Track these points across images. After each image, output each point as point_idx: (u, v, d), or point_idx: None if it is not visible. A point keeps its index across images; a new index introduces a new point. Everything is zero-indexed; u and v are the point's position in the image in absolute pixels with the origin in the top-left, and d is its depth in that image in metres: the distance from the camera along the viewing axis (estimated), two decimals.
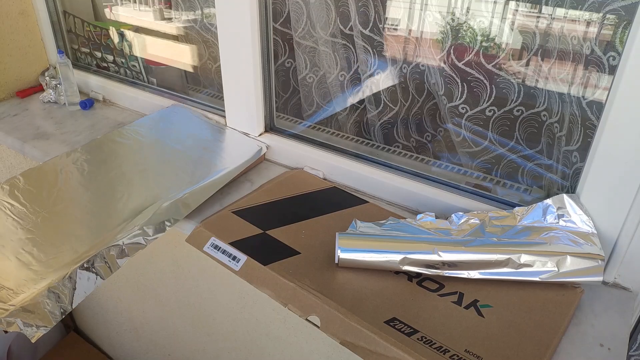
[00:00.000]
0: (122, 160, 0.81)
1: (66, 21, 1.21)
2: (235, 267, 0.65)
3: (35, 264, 0.61)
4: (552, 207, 0.65)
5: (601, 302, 0.60)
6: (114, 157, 0.82)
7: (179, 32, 1.17)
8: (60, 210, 0.71)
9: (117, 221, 0.68)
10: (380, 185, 0.79)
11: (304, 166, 0.87)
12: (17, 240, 0.65)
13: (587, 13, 0.68)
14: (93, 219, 0.69)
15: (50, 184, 0.75)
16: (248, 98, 0.88)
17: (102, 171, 0.78)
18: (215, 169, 0.78)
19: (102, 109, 1.13)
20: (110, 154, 0.82)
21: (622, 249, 0.61)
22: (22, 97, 1.19)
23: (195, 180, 0.75)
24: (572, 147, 0.71)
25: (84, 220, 0.69)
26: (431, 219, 0.69)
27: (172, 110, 0.97)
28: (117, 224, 0.67)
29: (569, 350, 0.54)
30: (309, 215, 0.73)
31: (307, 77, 1.05)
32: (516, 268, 0.59)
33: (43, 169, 0.79)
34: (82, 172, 0.79)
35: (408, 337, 0.53)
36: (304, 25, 0.98)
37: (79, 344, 1.54)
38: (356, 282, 0.61)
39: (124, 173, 0.77)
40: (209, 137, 0.88)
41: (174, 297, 1.10)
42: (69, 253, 0.63)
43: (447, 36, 0.86)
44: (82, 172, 0.79)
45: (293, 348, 0.92)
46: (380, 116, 1.01)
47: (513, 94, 0.82)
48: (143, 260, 1.11)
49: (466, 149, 0.91)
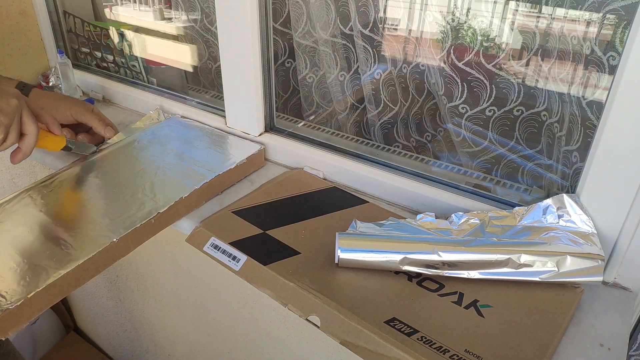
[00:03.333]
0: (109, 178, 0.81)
1: (66, 21, 1.21)
2: (235, 267, 0.65)
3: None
4: (552, 207, 0.65)
5: (601, 302, 0.60)
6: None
7: (179, 32, 1.18)
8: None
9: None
10: (380, 185, 0.79)
11: (304, 166, 0.87)
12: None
13: (587, 13, 0.68)
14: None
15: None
16: (248, 98, 0.88)
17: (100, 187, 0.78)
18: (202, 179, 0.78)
19: (102, 109, 1.13)
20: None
21: (622, 249, 0.61)
22: None
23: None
24: (572, 147, 0.71)
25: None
26: (431, 219, 0.69)
27: (166, 124, 0.97)
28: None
29: (569, 350, 0.54)
30: (309, 215, 0.73)
31: (307, 77, 1.05)
32: (516, 268, 0.59)
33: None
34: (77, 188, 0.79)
35: (408, 337, 0.53)
36: (304, 25, 0.98)
37: (79, 343, 1.54)
38: (356, 282, 0.61)
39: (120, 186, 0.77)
40: (203, 147, 0.88)
41: (174, 297, 1.10)
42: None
43: (447, 36, 0.86)
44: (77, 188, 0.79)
45: (293, 348, 0.92)
46: (380, 116, 1.02)
47: (513, 93, 0.83)
48: (143, 260, 1.11)
49: (466, 149, 0.91)
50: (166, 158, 0.83)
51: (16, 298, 0.55)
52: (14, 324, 0.55)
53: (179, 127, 0.96)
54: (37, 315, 0.58)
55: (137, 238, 0.68)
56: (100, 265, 0.64)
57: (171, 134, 0.92)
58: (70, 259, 0.61)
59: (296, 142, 0.88)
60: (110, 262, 0.65)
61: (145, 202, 0.72)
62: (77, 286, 0.61)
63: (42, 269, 0.59)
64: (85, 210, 0.72)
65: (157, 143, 0.89)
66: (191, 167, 0.80)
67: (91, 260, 0.62)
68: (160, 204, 0.71)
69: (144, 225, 0.68)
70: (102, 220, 0.69)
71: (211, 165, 0.81)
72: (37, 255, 0.62)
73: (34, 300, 0.56)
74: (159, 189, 0.75)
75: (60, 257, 0.61)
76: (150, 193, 0.74)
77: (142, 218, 0.68)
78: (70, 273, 0.59)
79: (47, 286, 0.57)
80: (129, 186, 0.76)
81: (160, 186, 0.75)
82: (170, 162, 0.82)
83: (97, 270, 0.63)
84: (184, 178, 0.77)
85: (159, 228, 0.71)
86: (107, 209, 0.71)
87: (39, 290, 0.57)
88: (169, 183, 0.76)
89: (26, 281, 0.58)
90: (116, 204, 0.72)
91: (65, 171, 0.81)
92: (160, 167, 0.81)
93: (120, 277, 1.22)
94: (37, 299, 0.57)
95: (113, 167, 0.83)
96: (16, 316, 0.55)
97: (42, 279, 0.58)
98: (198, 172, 0.79)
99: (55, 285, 0.58)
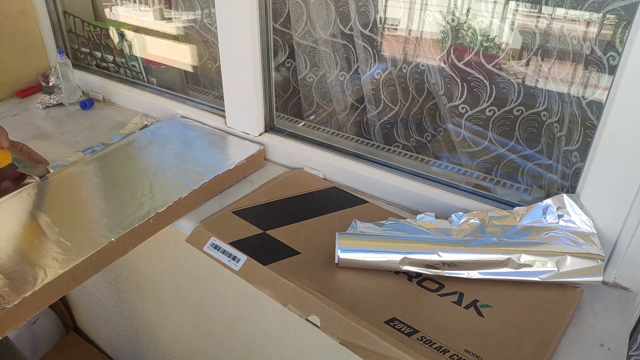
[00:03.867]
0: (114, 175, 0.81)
1: (66, 21, 1.21)
2: (235, 267, 0.65)
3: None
4: (552, 207, 0.65)
5: (601, 302, 0.60)
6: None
7: (179, 32, 1.18)
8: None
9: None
10: (380, 185, 0.79)
11: (304, 166, 0.87)
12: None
13: (587, 13, 0.68)
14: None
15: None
16: (248, 98, 0.88)
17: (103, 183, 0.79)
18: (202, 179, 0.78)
19: (102, 109, 1.13)
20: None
21: (622, 249, 0.61)
22: (22, 97, 1.19)
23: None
24: (572, 147, 0.71)
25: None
26: (431, 219, 0.69)
27: (165, 124, 0.98)
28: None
29: (569, 350, 0.54)
30: (309, 215, 0.73)
31: (307, 77, 1.05)
32: (516, 268, 0.59)
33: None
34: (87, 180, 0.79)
35: (408, 337, 0.53)
36: (304, 25, 0.98)
37: (79, 343, 1.54)
38: (356, 282, 0.61)
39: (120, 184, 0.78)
40: (203, 147, 0.88)
41: (174, 297, 1.10)
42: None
43: (447, 36, 0.86)
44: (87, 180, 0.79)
45: (293, 348, 0.92)
46: (380, 116, 1.02)
47: (513, 94, 0.82)
48: (143, 260, 1.11)
49: (466, 148, 0.91)
50: (165, 158, 0.83)
51: (14, 297, 0.55)
52: (11, 322, 0.55)
53: (179, 127, 0.96)
54: (35, 313, 0.58)
55: (136, 238, 0.68)
56: (99, 265, 0.64)
57: (171, 134, 0.92)
58: (69, 259, 0.61)
59: (296, 142, 0.88)
60: (108, 261, 0.65)
61: (144, 202, 0.72)
62: (75, 285, 0.61)
63: (40, 268, 0.59)
64: (84, 209, 0.72)
65: (156, 143, 0.89)
66: (190, 167, 0.80)
67: (89, 260, 0.62)
68: (159, 204, 0.71)
69: (143, 225, 0.68)
70: (101, 219, 0.69)
71: (210, 165, 0.81)
72: (35, 254, 0.62)
73: (32, 299, 0.56)
74: (158, 189, 0.75)
75: (58, 256, 0.61)
76: (149, 193, 0.74)
77: (140, 218, 0.68)
78: (68, 272, 0.59)
79: (44, 285, 0.57)
80: (128, 186, 0.76)
81: (159, 186, 0.75)
82: (170, 162, 0.82)
83: (96, 270, 0.63)
84: (183, 178, 0.77)
85: (158, 228, 0.71)
86: (106, 208, 0.71)
87: (37, 289, 0.57)
88: (168, 183, 0.76)
89: (24, 280, 0.58)
90: (115, 203, 0.72)
91: (63, 171, 0.82)
92: (159, 167, 0.81)
93: (120, 277, 1.21)
94: (35, 298, 0.57)
95: (112, 166, 0.83)
96: (14, 315, 0.55)
97: (40, 278, 0.58)
98: (197, 172, 0.79)
99: (53, 284, 0.58)
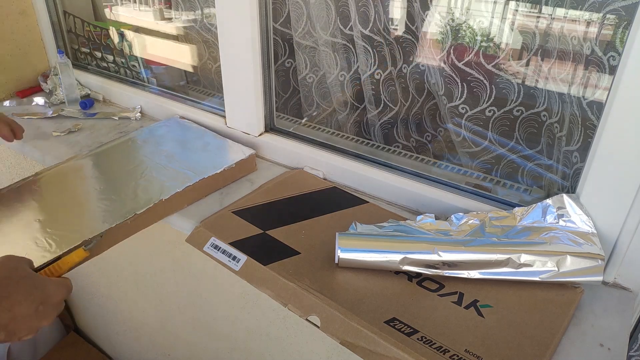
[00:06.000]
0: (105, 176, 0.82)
1: (66, 21, 1.21)
2: (235, 267, 0.65)
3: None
4: (552, 207, 0.65)
5: (601, 302, 0.60)
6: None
7: (179, 32, 1.18)
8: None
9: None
10: (380, 185, 0.79)
11: (304, 166, 0.87)
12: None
13: (587, 13, 0.68)
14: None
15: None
16: (248, 98, 0.88)
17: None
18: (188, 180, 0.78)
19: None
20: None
21: (622, 249, 0.61)
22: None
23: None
24: (572, 147, 0.71)
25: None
26: (431, 220, 0.69)
27: (164, 124, 0.98)
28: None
29: (569, 350, 0.54)
30: (309, 215, 0.73)
31: (307, 77, 1.05)
32: (516, 268, 0.59)
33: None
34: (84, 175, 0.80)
35: (408, 337, 0.53)
36: (304, 25, 0.98)
37: (79, 344, 1.54)
38: (356, 282, 0.61)
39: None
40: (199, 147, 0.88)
41: (174, 297, 1.10)
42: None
43: (447, 36, 0.86)
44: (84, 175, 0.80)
45: (293, 348, 0.92)
46: (380, 116, 1.02)
47: (513, 94, 0.82)
48: (143, 261, 1.11)
49: (466, 149, 0.91)
50: (156, 159, 0.83)
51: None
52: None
53: (176, 127, 0.96)
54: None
55: (112, 238, 0.68)
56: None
57: (167, 135, 0.92)
58: (43, 257, 0.62)
59: (296, 142, 0.88)
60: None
61: (127, 202, 0.72)
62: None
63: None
64: (66, 209, 0.73)
65: (151, 143, 0.89)
66: (177, 169, 0.80)
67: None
68: (139, 204, 0.71)
69: (120, 225, 0.68)
70: (80, 220, 0.69)
71: (198, 168, 0.80)
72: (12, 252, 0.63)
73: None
74: (142, 190, 0.75)
75: (34, 255, 0.62)
76: (132, 194, 0.74)
77: (120, 218, 0.69)
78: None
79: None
80: (115, 186, 0.77)
81: (143, 187, 0.76)
82: (159, 163, 0.82)
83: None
84: (169, 180, 0.77)
85: (136, 229, 0.71)
86: (90, 206, 0.72)
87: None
88: (152, 184, 0.76)
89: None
90: (99, 204, 0.73)
91: (54, 168, 0.83)
92: (148, 168, 0.81)
93: (120, 277, 1.21)
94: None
95: (103, 165, 0.84)
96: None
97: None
98: (184, 175, 0.78)
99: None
